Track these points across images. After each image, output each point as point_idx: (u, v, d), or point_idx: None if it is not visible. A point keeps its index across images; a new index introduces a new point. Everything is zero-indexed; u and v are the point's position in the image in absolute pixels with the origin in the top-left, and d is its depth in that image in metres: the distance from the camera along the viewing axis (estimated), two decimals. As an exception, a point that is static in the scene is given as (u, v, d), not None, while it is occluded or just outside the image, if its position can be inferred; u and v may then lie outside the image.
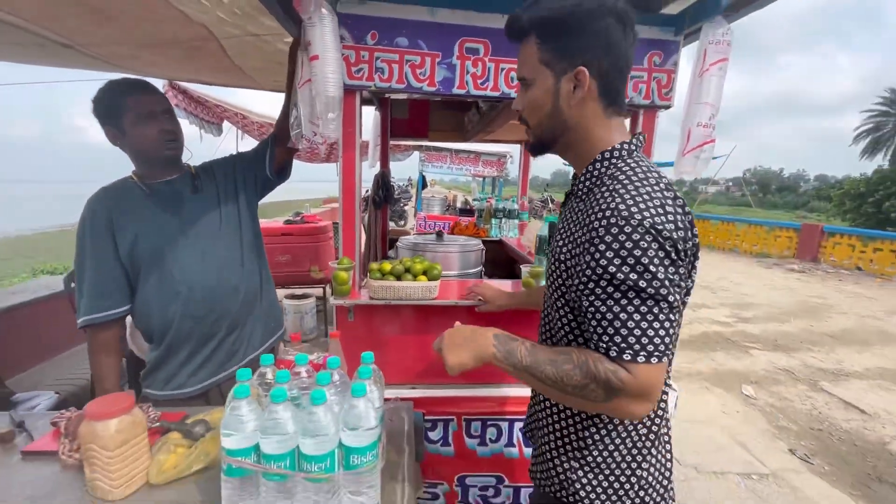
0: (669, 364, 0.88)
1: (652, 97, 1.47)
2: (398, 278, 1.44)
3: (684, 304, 0.82)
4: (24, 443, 1.12)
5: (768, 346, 4.70)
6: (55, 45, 1.57)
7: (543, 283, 1.52)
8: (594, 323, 0.74)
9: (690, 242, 0.76)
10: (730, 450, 2.74)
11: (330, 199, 14.38)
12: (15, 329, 2.86)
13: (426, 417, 1.47)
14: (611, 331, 0.72)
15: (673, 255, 0.72)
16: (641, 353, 0.71)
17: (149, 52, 1.78)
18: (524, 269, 1.59)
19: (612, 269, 0.71)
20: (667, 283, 0.71)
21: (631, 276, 0.70)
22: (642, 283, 0.70)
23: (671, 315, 0.72)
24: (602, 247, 0.72)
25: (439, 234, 2.08)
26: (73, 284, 2.67)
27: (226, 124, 4.54)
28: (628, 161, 0.80)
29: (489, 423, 1.50)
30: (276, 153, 1.51)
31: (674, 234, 0.71)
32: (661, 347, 0.71)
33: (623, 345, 0.71)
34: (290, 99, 1.46)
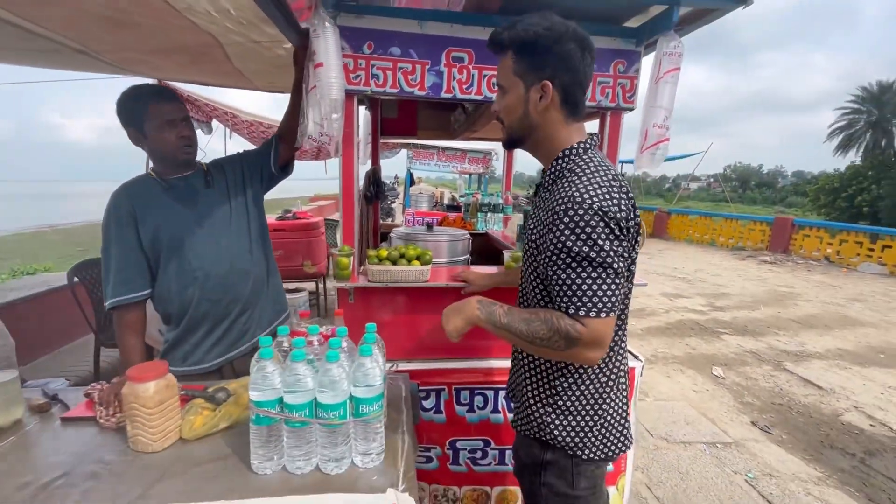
0: (624, 325, 1.07)
1: (617, 100, 1.66)
2: (394, 263, 1.60)
3: (630, 271, 1.01)
4: (59, 412, 1.25)
5: (738, 332, 4.99)
6: (70, 50, 1.69)
7: (523, 266, 1.71)
8: (557, 287, 0.92)
9: (632, 221, 0.94)
10: (698, 423, 2.98)
11: (317, 197, 14.37)
12: (20, 321, 2.94)
13: (420, 388, 1.64)
14: (570, 293, 0.90)
15: (616, 231, 0.89)
16: (593, 310, 0.88)
17: (157, 57, 1.90)
18: (506, 253, 1.77)
19: (569, 244, 0.89)
20: (612, 253, 0.88)
21: (583, 248, 0.88)
22: (592, 254, 0.88)
23: (616, 279, 0.90)
24: (561, 226, 0.90)
25: (429, 226, 2.25)
26: (76, 279, 2.78)
27: (214, 122, 4.63)
28: (584, 157, 0.98)
29: (476, 391, 1.68)
30: (280, 150, 1.65)
31: (617, 214, 0.89)
32: (609, 305, 0.89)
33: (579, 303, 0.89)
34: (295, 103, 1.62)
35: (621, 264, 0.91)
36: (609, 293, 0.89)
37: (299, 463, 1.01)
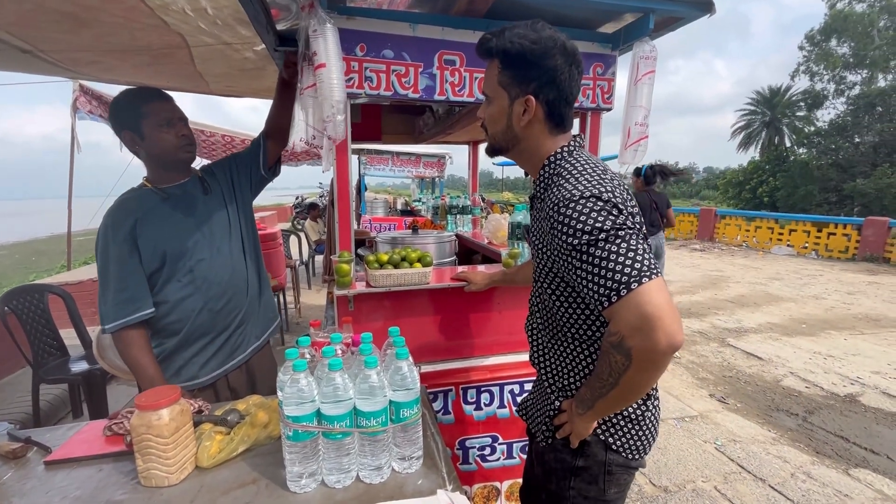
0: None
1: (597, 101, 1.76)
2: (396, 266, 1.58)
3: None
4: (39, 456, 1.12)
5: (684, 315, 5.42)
6: (13, 49, 1.50)
7: (520, 262, 1.76)
8: (585, 290, 0.83)
9: (631, 206, 0.88)
10: (665, 401, 3.20)
11: (256, 209, 13.64)
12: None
13: (428, 390, 1.63)
14: (595, 287, 0.80)
15: (615, 211, 0.82)
16: (622, 289, 0.77)
17: (112, 57, 1.73)
18: (503, 251, 1.81)
19: (572, 241, 0.83)
20: (616, 225, 0.80)
21: (583, 237, 0.81)
22: (595, 234, 0.80)
23: (630, 241, 0.79)
24: (560, 227, 0.85)
25: (415, 229, 2.24)
26: (6, 308, 2.46)
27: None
28: (569, 159, 0.95)
29: (483, 389, 1.70)
30: (268, 149, 1.60)
31: (612, 198, 0.83)
32: (639, 269, 0.77)
33: (608, 290, 0.78)
34: (282, 99, 1.61)
35: (635, 227, 0.83)
36: (632, 256, 0.78)
37: (339, 475, 0.97)
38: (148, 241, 1.30)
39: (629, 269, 0.77)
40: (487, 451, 1.74)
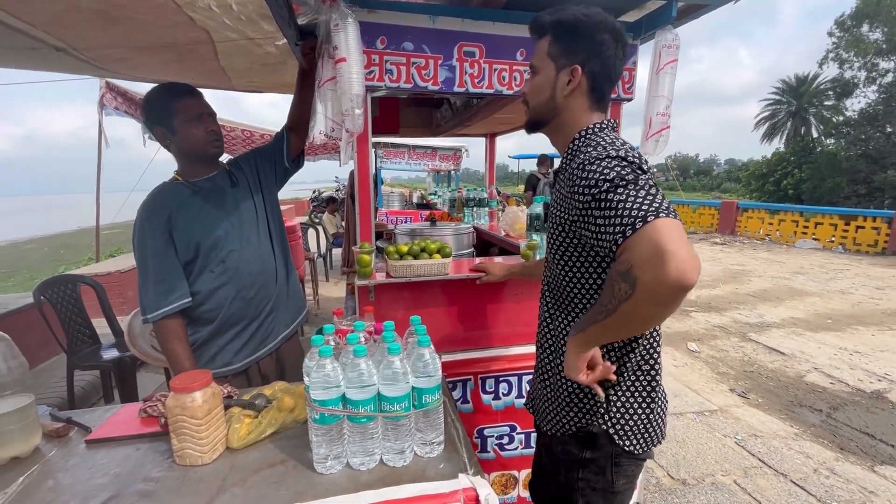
0: None
1: (618, 91, 1.74)
2: (415, 258, 1.61)
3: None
4: (79, 436, 1.17)
5: (704, 309, 5.34)
6: (48, 48, 1.56)
7: (538, 256, 1.76)
8: (601, 235, 0.84)
9: (651, 174, 0.88)
10: (684, 395, 3.17)
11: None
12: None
13: (447, 380, 1.66)
14: (611, 229, 0.81)
15: (638, 170, 0.84)
16: (637, 223, 0.77)
17: (140, 54, 1.79)
18: (522, 243, 1.81)
19: (594, 191, 0.85)
20: (637, 177, 0.83)
21: (604, 185, 0.83)
22: (615, 182, 0.83)
23: (650, 189, 0.81)
24: (581, 182, 0.87)
25: (433, 222, 2.25)
26: (42, 297, 2.57)
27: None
28: (599, 134, 0.98)
29: (501, 379, 1.72)
30: (291, 141, 1.65)
31: (636, 160, 0.86)
32: (653, 207, 0.77)
33: (623, 227, 0.79)
34: (304, 93, 1.64)
35: (657, 188, 0.84)
36: (649, 198, 0.79)
37: (364, 458, 1.00)
38: (182, 233, 1.35)
39: (647, 206, 0.78)
40: (505, 440, 1.76)
